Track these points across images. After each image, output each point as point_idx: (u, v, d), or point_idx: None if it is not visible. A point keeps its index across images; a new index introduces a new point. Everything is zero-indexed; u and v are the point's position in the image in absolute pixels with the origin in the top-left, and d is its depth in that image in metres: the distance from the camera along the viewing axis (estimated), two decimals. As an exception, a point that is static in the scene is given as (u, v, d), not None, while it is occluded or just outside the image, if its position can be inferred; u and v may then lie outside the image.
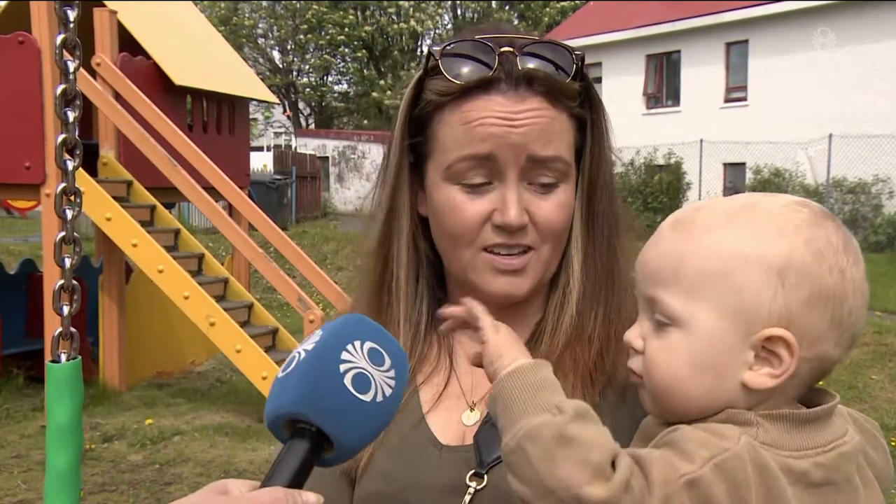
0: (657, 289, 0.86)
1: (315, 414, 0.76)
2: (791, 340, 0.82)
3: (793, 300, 0.82)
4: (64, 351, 1.34)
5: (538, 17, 33.77)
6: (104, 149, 7.14)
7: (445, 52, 1.03)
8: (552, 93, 1.02)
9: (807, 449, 0.82)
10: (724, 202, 0.89)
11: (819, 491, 0.81)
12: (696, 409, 0.85)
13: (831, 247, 0.84)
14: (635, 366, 0.89)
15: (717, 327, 0.83)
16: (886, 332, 8.44)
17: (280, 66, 38.34)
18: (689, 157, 20.28)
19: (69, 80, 1.31)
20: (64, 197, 1.35)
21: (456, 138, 1.02)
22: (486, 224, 1.03)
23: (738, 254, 0.83)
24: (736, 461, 0.78)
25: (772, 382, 0.82)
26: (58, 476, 1.31)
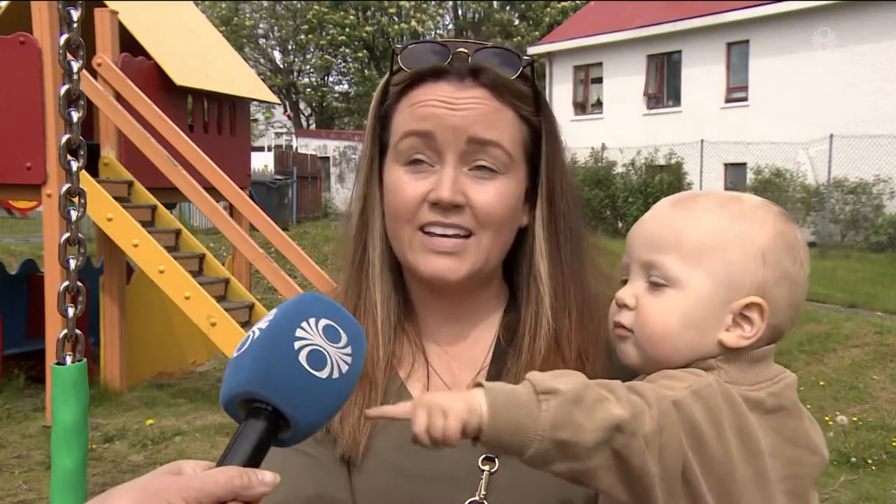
0: (657, 254, 1.00)
1: (270, 392, 0.75)
2: (766, 308, 0.99)
3: (769, 278, 0.99)
4: (69, 353, 1.34)
5: (539, 18, 33.75)
6: (105, 149, 7.14)
7: (406, 50, 1.10)
8: (496, 87, 1.08)
9: (760, 382, 0.99)
10: (716, 191, 1.06)
11: (774, 416, 0.98)
12: (678, 359, 0.99)
13: (797, 242, 1.03)
14: (625, 320, 1.01)
15: (708, 291, 0.99)
16: (887, 332, 8.44)
17: (281, 67, 38.35)
18: (689, 157, 20.28)
19: (73, 80, 1.31)
20: (68, 198, 1.35)
21: (402, 119, 1.09)
22: (424, 203, 1.07)
23: (733, 234, 1.00)
24: (708, 390, 0.94)
25: (744, 343, 0.99)
26: (64, 477, 1.31)
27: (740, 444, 0.93)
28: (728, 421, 0.93)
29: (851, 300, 10.55)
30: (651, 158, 20.84)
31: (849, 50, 18.65)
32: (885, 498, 5.31)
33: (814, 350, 8.37)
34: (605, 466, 0.86)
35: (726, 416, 0.93)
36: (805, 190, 18.66)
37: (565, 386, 0.85)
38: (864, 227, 17.49)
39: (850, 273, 12.90)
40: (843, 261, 14.90)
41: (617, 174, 21.16)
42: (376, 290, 1.13)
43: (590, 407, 0.85)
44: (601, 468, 0.87)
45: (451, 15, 37.60)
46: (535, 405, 0.84)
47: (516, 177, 1.10)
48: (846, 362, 7.99)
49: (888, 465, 5.83)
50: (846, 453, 5.92)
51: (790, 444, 0.98)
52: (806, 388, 7.61)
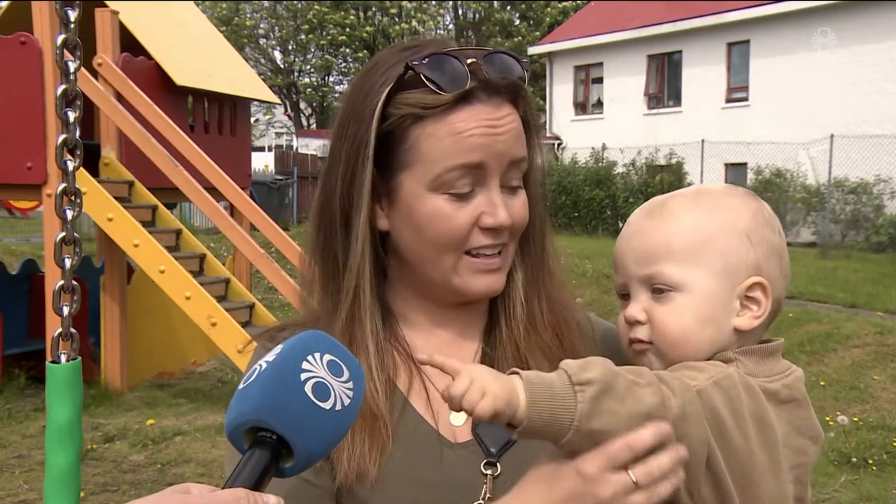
0: (654, 266, 1.04)
1: (276, 420, 0.78)
2: (766, 284, 1.04)
3: (760, 255, 1.04)
4: (64, 351, 1.34)
5: (539, 17, 33.76)
6: (106, 149, 7.15)
7: (423, 65, 1.04)
8: (515, 99, 1.08)
9: (774, 374, 1.03)
10: (682, 192, 1.10)
11: (787, 406, 1.02)
12: (700, 356, 1.03)
13: (771, 215, 1.08)
14: (642, 334, 1.04)
15: (712, 285, 1.03)
16: (888, 332, 8.44)
17: (281, 67, 38.37)
18: (690, 157, 20.27)
19: (70, 80, 1.31)
20: (64, 197, 1.35)
21: (444, 149, 1.04)
22: (474, 228, 1.07)
23: (716, 224, 1.04)
24: (729, 381, 0.97)
25: (756, 322, 1.04)
26: (58, 477, 1.32)
27: (759, 432, 0.97)
28: (748, 410, 0.96)
29: (852, 300, 10.54)
30: (651, 158, 20.84)
31: (849, 50, 18.64)
32: (886, 498, 5.31)
33: (814, 350, 8.37)
34: None
35: (746, 405, 0.96)
36: (806, 190, 18.66)
37: (597, 374, 0.88)
38: (864, 227, 17.48)
39: (851, 273, 12.90)
40: (843, 261, 14.90)
41: (617, 174, 21.16)
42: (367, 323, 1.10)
43: (621, 395, 0.88)
44: None
45: (451, 15, 37.61)
46: (570, 396, 0.86)
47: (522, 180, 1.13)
48: (847, 362, 7.98)
49: (889, 465, 5.82)
50: (847, 453, 5.92)
51: (798, 434, 1.02)
52: (807, 388, 7.51)
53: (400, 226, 1.10)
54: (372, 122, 1.06)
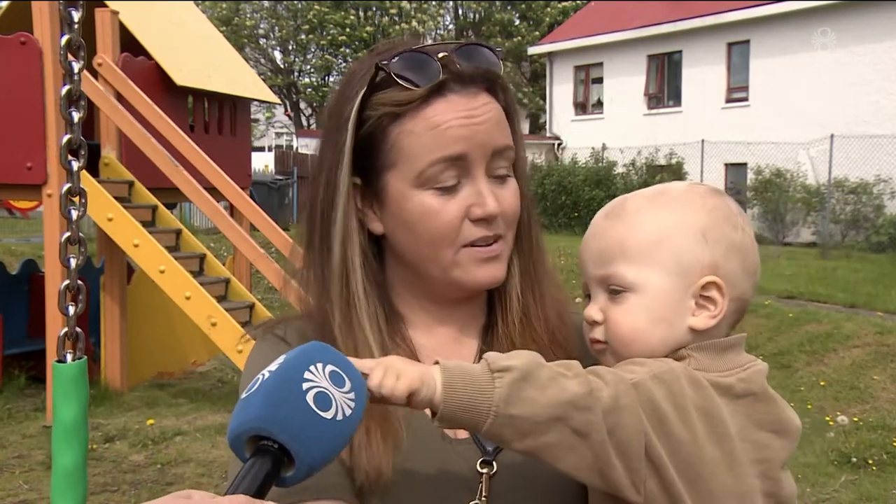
0: (609, 266, 1.04)
1: (278, 429, 0.78)
2: (721, 284, 1.02)
3: (716, 253, 1.02)
4: (69, 351, 1.34)
5: (539, 18, 33.74)
6: (106, 149, 7.15)
7: (393, 65, 1.05)
8: (492, 87, 1.08)
9: (730, 369, 1.01)
10: (641, 192, 1.09)
11: (743, 401, 1.00)
12: (656, 355, 1.01)
13: (732, 212, 1.06)
14: (598, 334, 1.05)
15: (665, 284, 1.02)
16: (888, 332, 8.44)
17: (281, 67, 38.36)
18: (690, 157, 20.28)
19: (73, 80, 1.32)
20: (69, 197, 1.35)
21: (425, 144, 1.04)
22: (465, 221, 1.06)
23: (669, 223, 1.03)
24: (670, 374, 0.96)
25: (712, 322, 1.02)
26: (64, 475, 1.32)
27: (706, 426, 0.95)
28: (693, 403, 0.95)
29: (852, 300, 10.55)
30: (652, 158, 20.84)
31: (849, 50, 18.64)
32: (886, 498, 5.31)
33: (814, 350, 8.38)
34: (564, 446, 0.89)
35: (690, 398, 0.95)
36: (806, 190, 18.66)
37: (518, 362, 0.89)
38: (864, 227, 17.48)
39: (851, 273, 12.90)
40: (843, 261, 14.91)
41: (617, 174, 21.16)
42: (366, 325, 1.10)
43: (543, 383, 0.88)
44: (560, 447, 0.89)
45: (451, 15, 37.60)
46: (488, 382, 0.87)
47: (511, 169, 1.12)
48: (847, 362, 7.99)
49: (889, 465, 5.83)
50: (847, 453, 5.93)
51: (758, 428, 1.00)
52: (806, 389, 7.61)
53: (393, 227, 1.10)
54: (348, 128, 1.07)
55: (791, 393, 7.48)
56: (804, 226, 18.68)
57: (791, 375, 8.00)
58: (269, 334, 1.16)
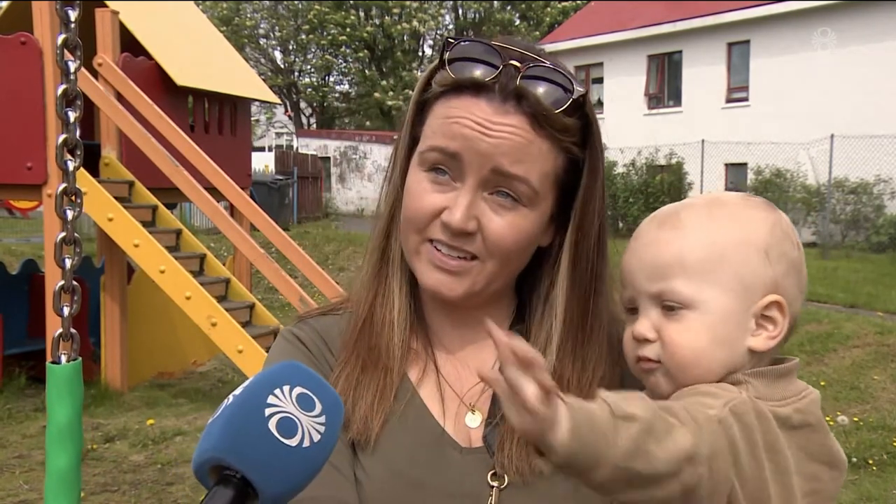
0: (664, 281, 0.98)
1: (237, 459, 0.74)
2: (784, 303, 0.98)
3: (778, 272, 0.99)
4: (64, 352, 1.34)
5: (539, 17, 33.77)
6: (106, 149, 7.15)
7: (457, 46, 1.05)
8: (537, 117, 1.02)
9: (786, 398, 0.97)
10: (695, 202, 1.04)
11: (800, 432, 0.96)
12: (711, 378, 0.97)
13: (790, 227, 1.03)
14: (651, 353, 0.99)
15: (727, 304, 0.97)
16: (888, 332, 8.44)
17: (282, 67, 38.37)
18: (690, 157, 20.28)
19: (70, 80, 1.31)
20: (65, 197, 1.35)
21: (434, 128, 1.05)
22: (436, 219, 1.05)
23: (731, 240, 0.98)
24: (743, 406, 0.92)
25: (772, 343, 0.98)
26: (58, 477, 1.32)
27: (770, 461, 0.92)
28: (761, 438, 0.92)
29: (852, 300, 10.54)
30: (652, 158, 20.84)
31: (850, 50, 18.64)
32: (886, 498, 5.31)
33: (814, 350, 8.37)
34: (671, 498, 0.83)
35: (759, 433, 0.92)
36: (806, 190, 18.66)
37: (640, 411, 0.82)
38: (864, 227, 17.48)
39: (851, 273, 12.90)
40: (843, 261, 14.91)
41: (617, 174, 21.15)
42: (395, 280, 1.12)
43: (661, 436, 0.83)
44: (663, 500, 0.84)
45: (451, 15, 37.61)
46: (612, 431, 0.80)
47: (539, 210, 1.06)
48: (847, 362, 7.98)
49: (889, 465, 5.82)
50: (847, 454, 5.89)
51: (811, 460, 0.97)
52: (807, 389, 7.61)
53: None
54: (415, 90, 1.11)
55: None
56: (804, 226, 18.68)
57: (791, 375, 8.00)
58: (289, 333, 1.16)
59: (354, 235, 16.35)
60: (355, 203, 27.89)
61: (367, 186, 27.71)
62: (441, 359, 1.13)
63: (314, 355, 1.13)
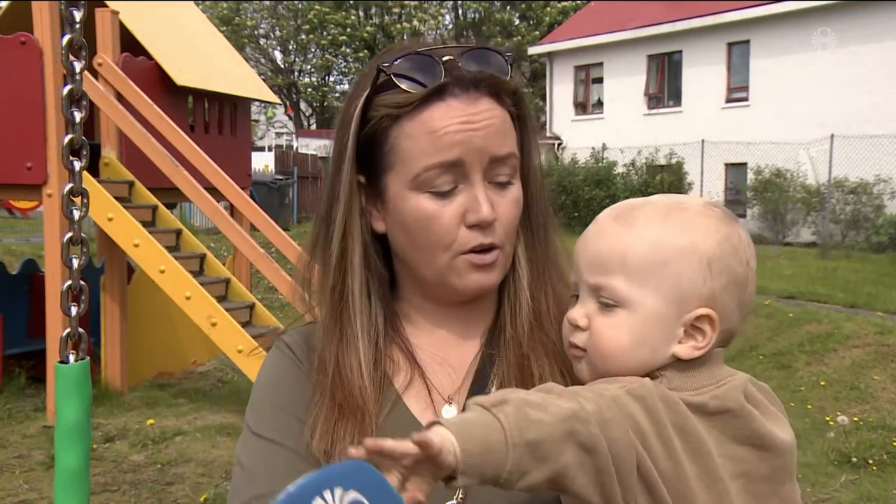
0: (604, 276, 1.00)
1: None
2: (715, 318, 0.99)
3: (716, 286, 0.99)
4: (72, 351, 1.34)
5: (539, 17, 33.76)
6: (106, 149, 7.15)
7: (394, 66, 1.05)
8: (497, 93, 1.06)
9: (703, 386, 0.98)
10: (656, 201, 1.05)
11: (718, 418, 0.97)
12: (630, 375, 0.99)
13: (742, 243, 1.03)
14: (579, 340, 1.02)
15: (658, 308, 0.99)
16: (888, 332, 8.44)
17: (282, 67, 38.37)
18: (690, 157, 20.29)
19: (75, 80, 1.32)
20: (70, 198, 1.35)
21: (422, 148, 1.04)
22: (461, 227, 1.06)
23: (677, 247, 0.99)
24: (644, 390, 0.94)
25: (697, 353, 0.99)
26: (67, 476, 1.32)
27: (683, 442, 0.94)
28: (669, 419, 0.93)
29: (852, 300, 10.55)
30: (652, 158, 20.85)
31: (849, 50, 18.65)
32: (886, 498, 5.31)
33: (815, 350, 8.37)
34: (577, 464, 0.86)
35: (665, 415, 0.93)
36: (806, 190, 18.67)
37: (507, 395, 0.86)
38: (864, 227, 17.48)
39: (851, 273, 12.90)
40: (843, 261, 14.91)
41: (617, 174, 21.18)
42: (357, 320, 1.11)
43: (540, 405, 0.86)
44: (574, 466, 0.86)
45: (451, 15, 37.60)
46: (492, 419, 0.83)
47: (518, 175, 1.11)
48: (847, 362, 7.98)
49: (889, 465, 5.83)
50: (847, 453, 5.93)
51: (736, 443, 0.98)
52: (807, 389, 7.61)
53: (393, 227, 1.11)
54: (351, 127, 1.08)
55: (791, 393, 7.48)
56: (804, 226, 18.69)
57: (791, 375, 8.00)
58: (280, 341, 1.19)
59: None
60: (355, 203, 27.85)
61: (366, 186, 27.66)
62: (425, 358, 1.14)
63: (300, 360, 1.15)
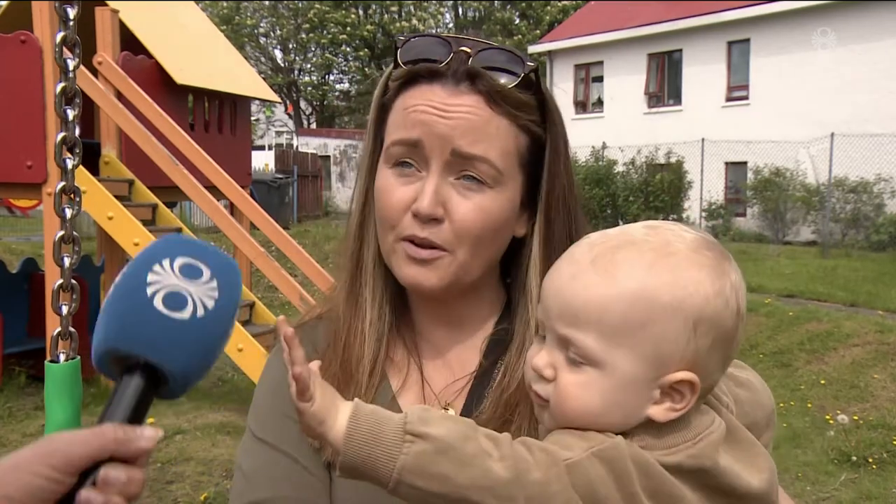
0: (576, 329, 0.89)
1: (129, 345, 0.72)
2: (696, 382, 0.89)
3: (701, 347, 0.89)
4: (63, 351, 1.34)
5: (539, 16, 33.75)
6: (106, 148, 7.15)
7: (408, 42, 1.07)
8: (492, 95, 1.03)
9: (677, 445, 0.89)
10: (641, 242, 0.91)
11: (695, 474, 0.89)
12: None
13: (733, 290, 0.91)
14: (542, 391, 0.91)
15: (634, 371, 0.88)
16: (888, 331, 8.43)
17: (282, 65, 38.36)
18: (690, 156, 20.26)
19: (69, 78, 1.31)
20: (63, 196, 1.35)
21: (395, 122, 1.06)
22: (407, 212, 1.04)
23: (660, 305, 0.87)
24: (614, 451, 0.85)
25: (674, 415, 0.89)
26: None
27: None
28: (641, 484, 0.85)
29: (852, 299, 10.54)
30: (652, 157, 20.83)
31: (849, 49, 18.63)
32: (886, 497, 5.30)
33: (815, 349, 8.37)
34: None
35: (636, 478, 0.85)
36: (806, 189, 18.65)
37: (440, 432, 0.80)
38: (864, 225, 17.47)
39: (851, 272, 12.89)
40: (843, 260, 14.90)
41: (617, 173, 21.14)
42: (367, 289, 1.12)
43: (463, 460, 0.80)
44: None
45: (451, 14, 37.59)
46: (396, 445, 0.79)
47: (507, 191, 1.06)
48: (847, 361, 7.98)
49: (889, 464, 5.82)
50: (847, 452, 5.92)
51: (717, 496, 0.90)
52: (807, 387, 7.60)
53: None
54: (375, 93, 1.12)
55: (791, 392, 7.48)
56: (804, 224, 18.68)
57: (791, 374, 8.00)
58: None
59: (354, 234, 16.32)
60: (355, 202, 27.86)
61: (367, 185, 27.67)
62: (427, 356, 1.13)
63: None
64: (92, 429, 0.69)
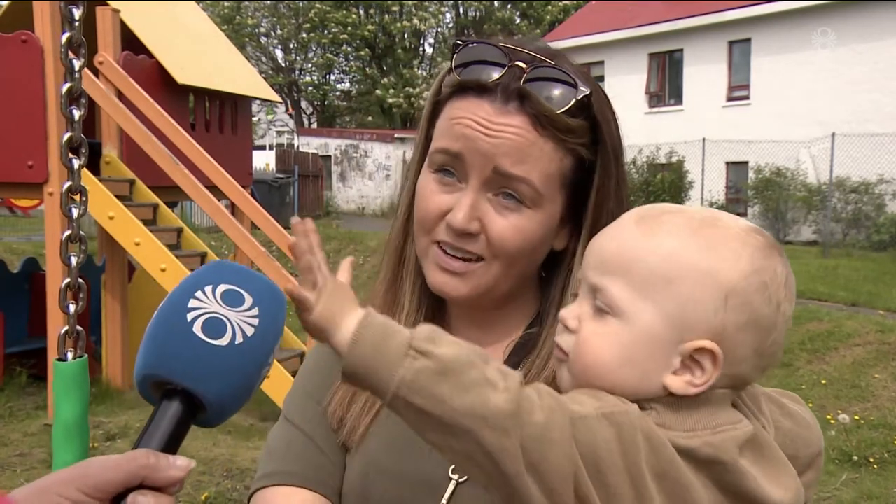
0: (606, 277, 0.88)
1: (168, 371, 0.72)
2: (719, 355, 0.85)
3: (730, 322, 0.85)
4: (70, 349, 1.34)
5: (540, 16, 33.75)
6: (107, 147, 7.15)
7: (464, 49, 1.06)
8: (539, 118, 1.02)
9: (696, 430, 0.85)
10: (692, 212, 0.91)
11: (709, 467, 0.84)
12: None
13: (776, 280, 0.88)
14: (564, 343, 0.90)
15: (655, 328, 0.86)
16: (889, 331, 8.44)
17: (283, 65, 38.36)
18: (691, 155, 20.26)
19: (74, 78, 1.32)
20: (69, 195, 1.35)
21: (441, 129, 1.07)
22: (443, 219, 1.05)
23: (693, 266, 0.86)
24: (625, 417, 0.82)
25: (692, 390, 0.86)
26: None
27: (661, 489, 0.82)
28: (648, 463, 0.81)
29: (853, 299, 10.55)
30: (653, 157, 20.83)
31: (850, 48, 18.63)
32: (887, 496, 5.31)
33: (815, 349, 8.37)
34: (471, 461, 0.78)
35: (644, 455, 0.81)
36: (807, 189, 18.65)
37: (445, 352, 0.79)
38: (865, 225, 17.47)
39: (852, 272, 12.90)
40: (844, 259, 14.90)
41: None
42: (407, 283, 1.14)
43: (463, 384, 0.77)
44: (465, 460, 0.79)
45: (452, 13, 37.58)
46: (399, 359, 0.78)
47: (546, 211, 1.06)
48: (848, 361, 7.98)
49: (890, 463, 5.83)
50: (848, 452, 5.93)
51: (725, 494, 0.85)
52: (808, 387, 7.61)
53: None
54: (430, 92, 1.13)
55: (792, 391, 7.44)
56: (805, 224, 18.67)
57: (792, 374, 8.00)
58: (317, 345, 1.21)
59: (355, 234, 16.36)
60: (356, 201, 27.88)
61: (367, 185, 27.71)
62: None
63: None
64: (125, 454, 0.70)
